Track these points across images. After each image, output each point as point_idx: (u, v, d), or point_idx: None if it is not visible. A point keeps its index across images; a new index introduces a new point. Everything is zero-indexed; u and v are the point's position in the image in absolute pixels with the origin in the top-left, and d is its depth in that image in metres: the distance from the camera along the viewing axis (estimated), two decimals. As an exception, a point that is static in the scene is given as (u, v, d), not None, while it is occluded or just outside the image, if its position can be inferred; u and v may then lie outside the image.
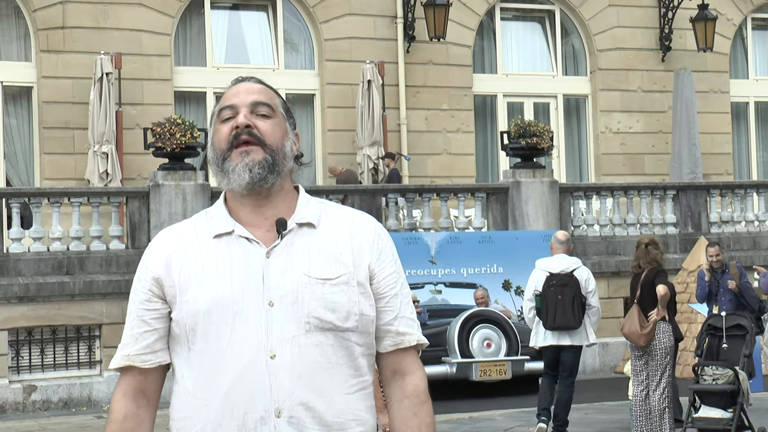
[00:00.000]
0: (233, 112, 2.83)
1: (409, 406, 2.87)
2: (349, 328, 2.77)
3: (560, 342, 11.35)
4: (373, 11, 19.59)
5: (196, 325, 2.75)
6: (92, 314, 14.98)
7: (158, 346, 2.83)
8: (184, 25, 19.06)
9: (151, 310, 2.82)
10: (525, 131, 17.25)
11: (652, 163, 21.00)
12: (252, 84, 2.89)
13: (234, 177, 2.78)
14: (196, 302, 2.75)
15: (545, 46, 21.27)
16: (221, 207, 2.88)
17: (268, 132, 2.82)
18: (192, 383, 2.76)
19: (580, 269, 11.45)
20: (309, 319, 2.74)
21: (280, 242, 2.79)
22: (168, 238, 2.88)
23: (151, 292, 2.82)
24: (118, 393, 2.85)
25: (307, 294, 2.74)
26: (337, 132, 19.09)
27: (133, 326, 2.84)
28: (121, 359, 2.85)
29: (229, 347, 2.72)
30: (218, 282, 2.75)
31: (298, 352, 2.72)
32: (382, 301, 2.86)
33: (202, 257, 2.80)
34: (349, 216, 2.89)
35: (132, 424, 2.82)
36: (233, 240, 2.80)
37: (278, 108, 2.88)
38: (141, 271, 2.86)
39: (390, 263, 2.88)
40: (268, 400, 2.70)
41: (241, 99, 2.84)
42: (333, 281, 2.77)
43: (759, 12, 22.39)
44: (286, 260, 2.77)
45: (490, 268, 15.90)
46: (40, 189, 16.29)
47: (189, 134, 15.57)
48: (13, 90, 18.17)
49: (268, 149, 2.80)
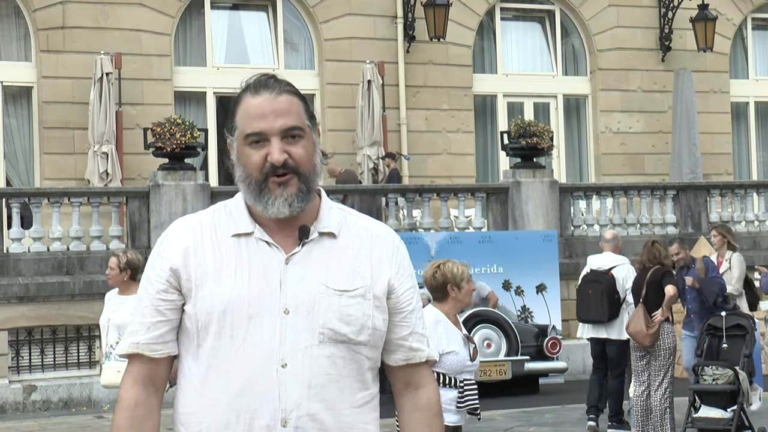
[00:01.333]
0: (262, 138, 2.75)
1: (422, 418, 2.89)
2: (361, 342, 2.77)
3: (597, 335, 11.87)
4: (373, 11, 19.59)
5: (209, 322, 2.74)
6: (92, 314, 14.96)
7: (169, 336, 2.82)
8: (184, 25, 19.06)
9: (167, 301, 2.80)
10: (525, 131, 17.25)
11: (652, 163, 20.99)
12: (275, 99, 2.77)
13: (273, 210, 2.75)
14: (212, 300, 2.73)
15: (545, 46, 21.27)
16: (242, 205, 2.85)
17: (302, 160, 2.77)
18: (199, 380, 2.76)
19: (619, 267, 11.96)
20: (323, 330, 2.73)
21: (300, 249, 2.77)
22: (186, 229, 2.85)
23: (169, 282, 2.79)
24: (128, 380, 2.83)
25: (323, 304, 2.73)
26: (337, 132, 19.08)
27: (146, 314, 2.82)
28: (130, 346, 2.83)
29: (242, 350, 2.71)
30: (235, 283, 2.74)
31: (309, 362, 2.71)
32: (399, 315, 2.86)
33: (220, 255, 2.78)
34: (369, 228, 2.88)
35: (143, 411, 2.81)
36: (252, 242, 2.78)
37: (305, 122, 2.80)
38: (156, 259, 2.83)
39: (408, 278, 2.88)
40: (276, 409, 2.69)
41: (270, 124, 2.75)
42: (350, 293, 2.76)
43: (759, 12, 22.39)
44: (305, 268, 2.76)
45: (490, 268, 15.89)
46: (40, 189, 16.29)
47: (189, 134, 15.56)
48: (13, 90, 18.17)
49: (303, 177, 2.76)
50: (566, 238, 17.45)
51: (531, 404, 14.07)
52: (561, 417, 13.05)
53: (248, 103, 2.79)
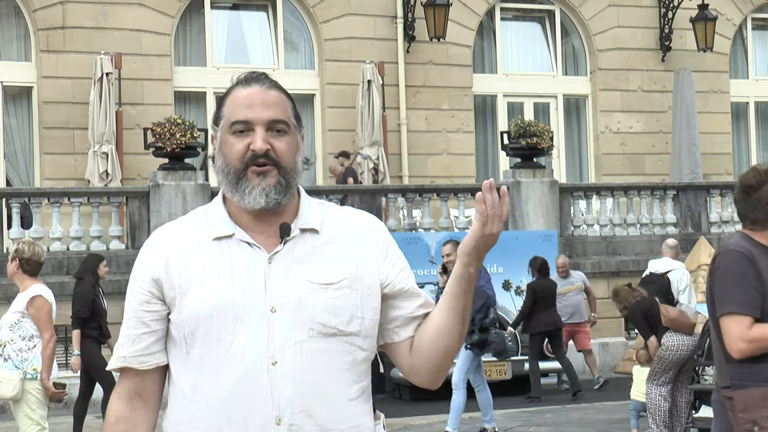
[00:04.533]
0: (247, 127, 2.76)
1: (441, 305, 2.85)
2: (352, 332, 2.75)
3: None
4: (373, 11, 19.58)
5: (196, 329, 2.72)
6: (92, 314, 14.97)
7: (156, 347, 2.79)
8: (184, 25, 19.06)
9: (151, 312, 2.78)
10: (525, 131, 17.25)
11: (652, 163, 20.99)
12: (265, 92, 2.79)
13: (249, 199, 2.74)
14: (197, 306, 2.72)
15: (545, 46, 21.27)
16: (220, 207, 2.83)
17: (284, 154, 2.77)
18: (190, 387, 2.74)
19: (674, 271, 12.56)
20: (313, 325, 2.71)
21: (282, 248, 2.76)
22: (166, 237, 2.83)
23: (151, 293, 2.77)
24: (114, 395, 2.83)
25: (310, 300, 2.72)
26: (337, 132, 19.08)
27: (131, 327, 2.80)
28: (117, 360, 2.82)
29: (230, 352, 2.69)
30: (219, 286, 2.72)
31: (300, 358, 2.69)
32: (403, 295, 2.84)
33: (201, 259, 2.76)
34: (350, 218, 2.87)
35: (123, 426, 2.79)
36: (233, 244, 2.77)
37: (291, 119, 2.81)
38: (139, 271, 2.81)
39: (400, 260, 2.87)
40: (269, 407, 2.68)
41: (257, 114, 2.76)
42: (335, 285, 2.75)
43: (759, 12, 22.38)
44: (288, 266, 2.74)
45: (490, 268, 15.89)
46: (40, 189, 16.29)
47: (189, 134, 15.57)
48: (13, 90, 18.17)
49: (282, 171, 2.76)
50: (566, 238, 17.46)
51: (531, 404, 14.07)
52: (561, 417, 13.06)
53: (237, 93, 2.80)
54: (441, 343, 2.80)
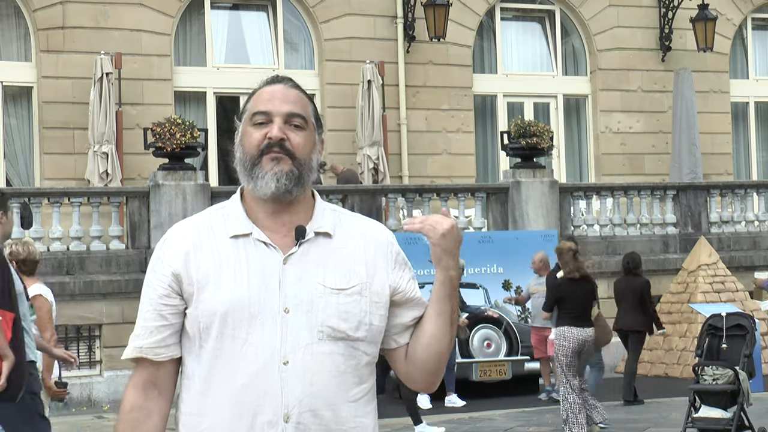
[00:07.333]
0: (267, 118, 2.85)
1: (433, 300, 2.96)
2: (359, 338, 2.83)
3: None
4: (373, 11, 19.59)
5: (211, 324, 2.78)
6: (92, 314, 14.99)
7: (171, 340, 2.86)
8: (184, 25, 19.06)
9: (169, 306, 2.84)
10: (525, 131, 17.26)
11: (652, 163, 21.00)
12: (288, 89, 2.89)
13: (261, 184, 2.81)
14: (213, 302, 2.78)
15: (545, 46, 21.27)
16: (238, 206, 2.90)
17: (299, 146, 2.85)
18: (202, 381, 2.80)
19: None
20: (322, 328, 2.79)
21: (297, 250, 2.83)
22: (184, 233, 2.88)
23: (171, 287, 2.83)
24: (129, 384, 2.89)
25: (321, 303, 2.79)
26: (337, 132, 19.08)
27: (148, 318, 2.86)
28: (134, 350, 2.87)
29: (244, 350, 2.76)
30: (235, 284, 2.78)
31: (309, 359, 2.77)
32: (410, 302, 2.96)
33: (219, 256, 2.82)
34: (362, 227, 2.95)
35: (138, 415, 2.85)
36: (250, 243, 2.83)
37: (310, 118, 2.90)
38: (157, 264, 2.87)
39: (407, 269, 2.98)
40: (278, 405, 2.75)
41: (276, 107, 2.85)
42: (347, 291, 2.82)
43: (759, 12, 22.39)
44: (302, 269, 2.81)
45: (490, 268, 15.90)
46: (40, 189, 16.29)
47: (189, 134, 15.57)
48: (13, 90, 18.17)
49: (296, 162, 2.83)
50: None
51: (531, 404, 14.07)
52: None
53: (261, 91, 2.91)
54: (433, 349, 2.91)
